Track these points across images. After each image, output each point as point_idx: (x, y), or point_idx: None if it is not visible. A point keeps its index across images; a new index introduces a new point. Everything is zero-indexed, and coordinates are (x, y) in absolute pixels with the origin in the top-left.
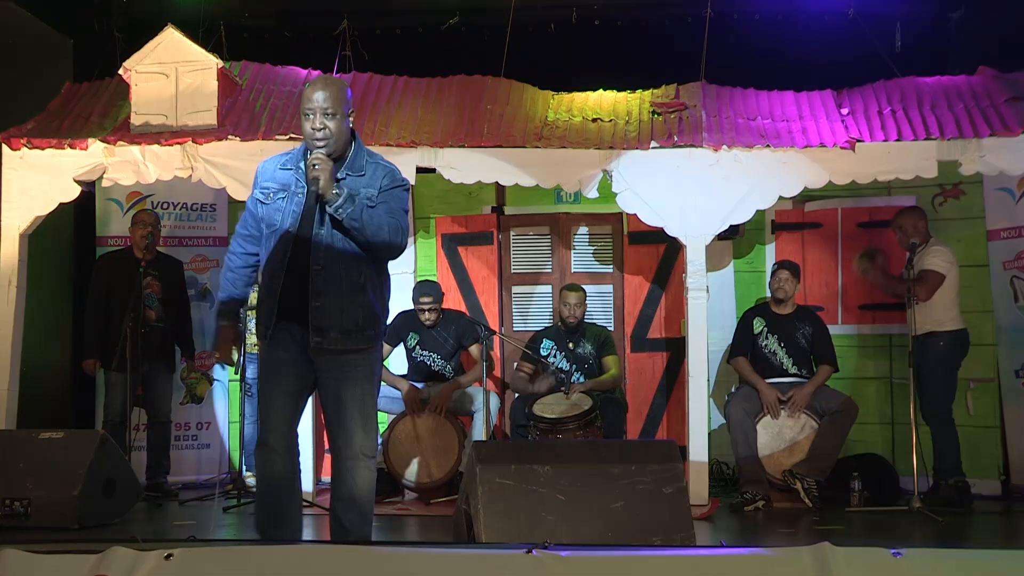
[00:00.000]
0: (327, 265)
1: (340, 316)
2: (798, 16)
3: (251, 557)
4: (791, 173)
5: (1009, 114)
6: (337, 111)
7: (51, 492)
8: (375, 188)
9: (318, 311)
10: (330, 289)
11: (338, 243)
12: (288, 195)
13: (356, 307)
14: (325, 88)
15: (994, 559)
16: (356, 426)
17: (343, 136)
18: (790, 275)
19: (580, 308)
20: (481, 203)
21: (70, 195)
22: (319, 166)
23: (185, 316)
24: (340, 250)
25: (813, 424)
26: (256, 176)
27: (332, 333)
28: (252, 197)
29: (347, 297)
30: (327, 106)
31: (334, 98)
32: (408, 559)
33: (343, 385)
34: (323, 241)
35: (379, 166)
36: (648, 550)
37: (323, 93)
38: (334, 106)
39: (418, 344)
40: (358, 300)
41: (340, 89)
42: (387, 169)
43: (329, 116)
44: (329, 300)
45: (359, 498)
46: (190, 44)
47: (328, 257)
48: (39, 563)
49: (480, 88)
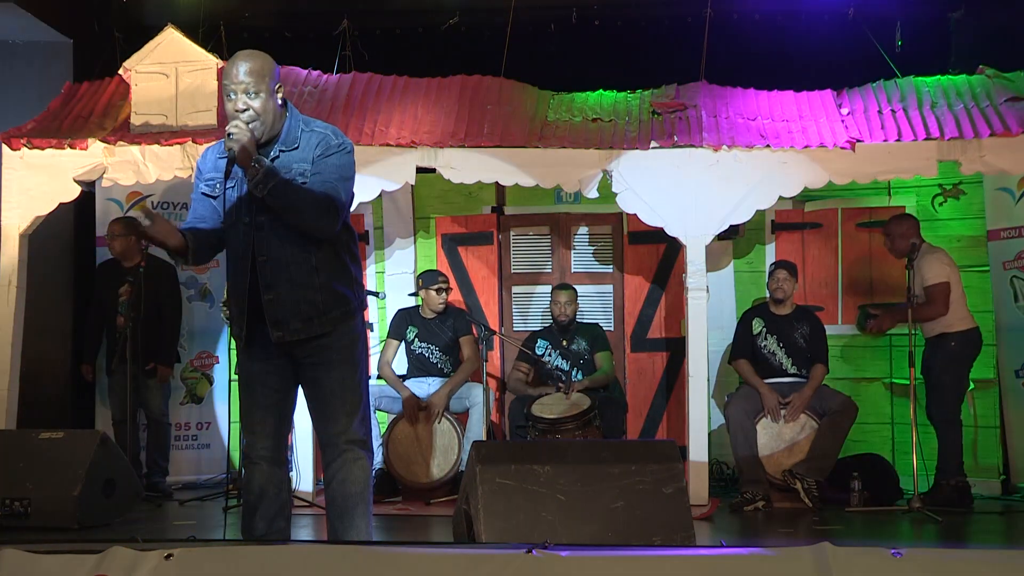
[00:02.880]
0: (272, 253)
1: (297, 305)
2: (798, 16)
3: (251, 557)
4: (791, 173)
5: (1009, 114)
6: (261, 88)
7: (51, 492)
8: (308, 161)
9: (272, 304)
10: (280, 279)
11: (282, 229)
12: (237, 183)
13: (313, 291)
14: (247, 62)
15: (994, 559)
16: (339, 413)
17: (270, 115)
18: (788, 275)
19: (570, 307)
20: (481, 203)
21: (70, 195)
22: (235, 135)
23: (169, 322)
24: (283, 236)
25: (813, 424)
26: (197, 169)
27: (292, 324)
28: (196, 192)
29: (300, 284)
30: (249, 82)
31: (257, 73)
32: (408, 559)
33: (319, 372)
34: (265, 228)
35: (313, 133)
36: (648, 550)
37: (244, 68)
38: (257, 83)
39: (416, 337)
40: (314, 284)
41: (264, 63)
42: (321, 135)
43: (253, 95)
44: (282, 290)
45: (352, 496)
46: (190, 44)
47: (272, 244)
48: (39, 563)
49: (480, 88)
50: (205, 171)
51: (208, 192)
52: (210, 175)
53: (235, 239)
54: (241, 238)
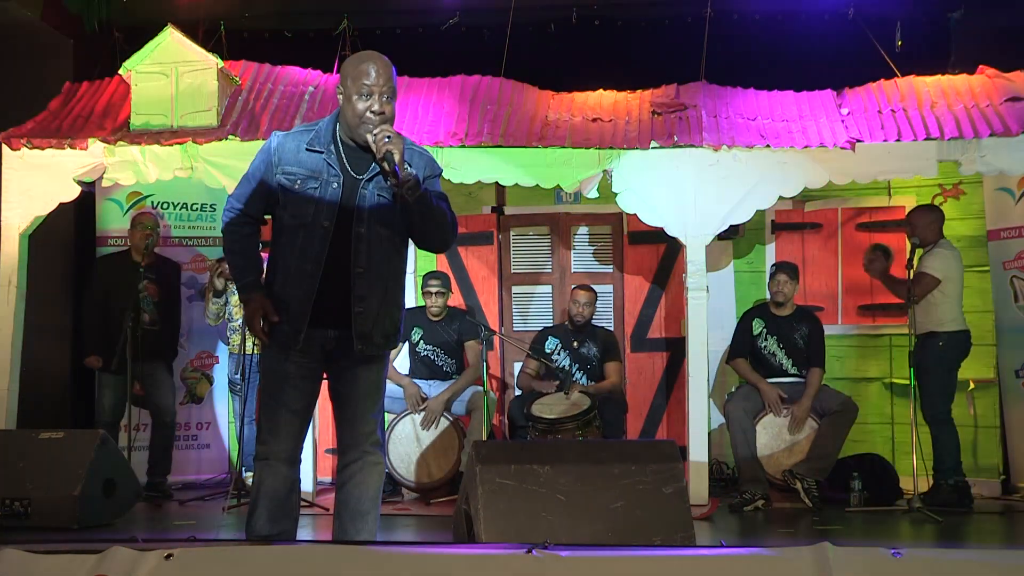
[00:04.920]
0: (370, 267)
1: (384, 320)
2: (798, 16)
3: (251, 557)
4: (791, 173)
5: (1009, 114)
6: (394, 94)
7: (51, 492)
8: (420, 179)
9: (361, 317)
10: (374, 293)
11: (382, 242)
12: (321, 184)
13: (396, 308)
14: (385, 66)
15: (994, 559)
16: (368, 414)
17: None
18: (788, 277)
19: (589, 308)
20: (481, 203)
21: (70, 195)
22: (393, 138)
23: (176, 319)
24: (383, 250)
25: (813, 424)
26: (272, 151)
27: (376, 339)
28: (271, 176)
29: (389, 300)
30: (387, 87)
31: (392, 78)
32: (408, 559)
33: (359, 370)
34: (364, 240)
35: (414, 151)
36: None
37: (383, 70)
38: (392, 88)
39: (422, 339)
40: (398, 302)
41: (392, 69)
42: (427, 157)
43: (387, 99)
44: (372, 304)
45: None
46: (190, 44)
47: (371, 258)
48: (39, 563)
49: (480, 88)
50: (285, 161)
51: (287, 184)
52: (292, 168)
53: (306, 241)
54: (316, 242)
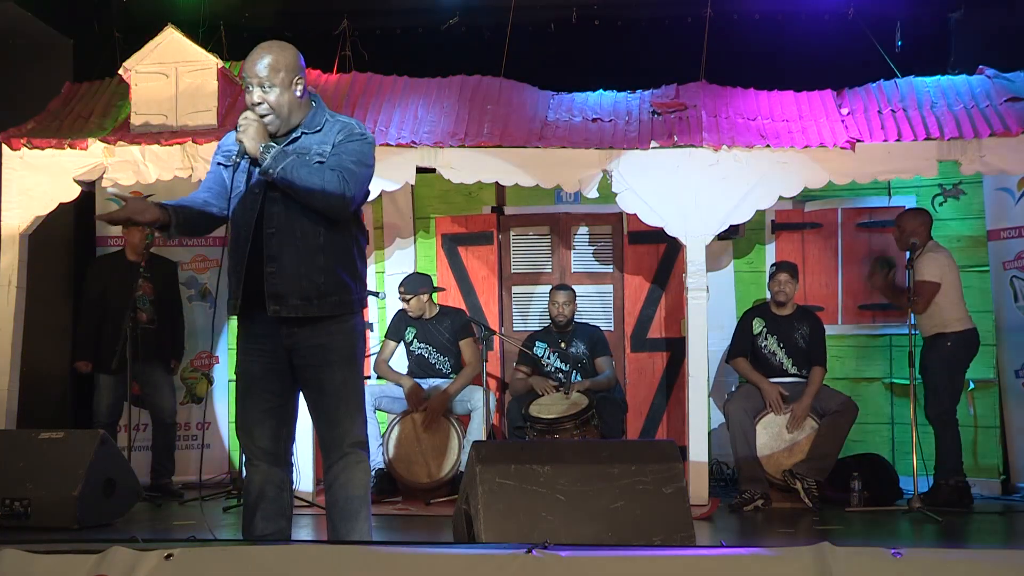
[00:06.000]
0: (280, 227)
1: (298, 281)
2: (798, 16)
3: (251, 557)
4: (791, 173)
5: (1009, 114)
6: (276, 82)
7: (51, 492)
8: (329, 144)
9: (273, 276)
10: (284, 252)
11: (293, 201)
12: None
13: (317, 271)
14: (264, 56)
15: (994, 559)
16: (342, 416)
17: (285, 108)
18: (789, 277)
19: (568, 307)
20: (481, 203)
21: (70, 195)
22: (242, 126)
23: (177, 318)
24: (294, 211)
25: (813, 424)
26: (219, 146)
27: (291, 300)
28: (214, 165)
29: (304, 260)
30: (264, 76)
31: (272, 67)
32: (408, 559)
33: (322, 374)
34: (279, 202)
35: (337, 122)
36: (648, 550)
37: (261, 62)
38: (272, 77)
39: (415, 338)
40: (317, 263)
41: (281, 57)
42: (345, 124)
43: (268, 88)
44: (285, 265)
45: (355, 499)
46: (190, 44)
47: (281, 219)
48: (39, 563)
49: (480, 88)
50: (224, 145)
51: (223, 162)
52: (228, 148)
53: (240, 209)
54: (247, 208)
